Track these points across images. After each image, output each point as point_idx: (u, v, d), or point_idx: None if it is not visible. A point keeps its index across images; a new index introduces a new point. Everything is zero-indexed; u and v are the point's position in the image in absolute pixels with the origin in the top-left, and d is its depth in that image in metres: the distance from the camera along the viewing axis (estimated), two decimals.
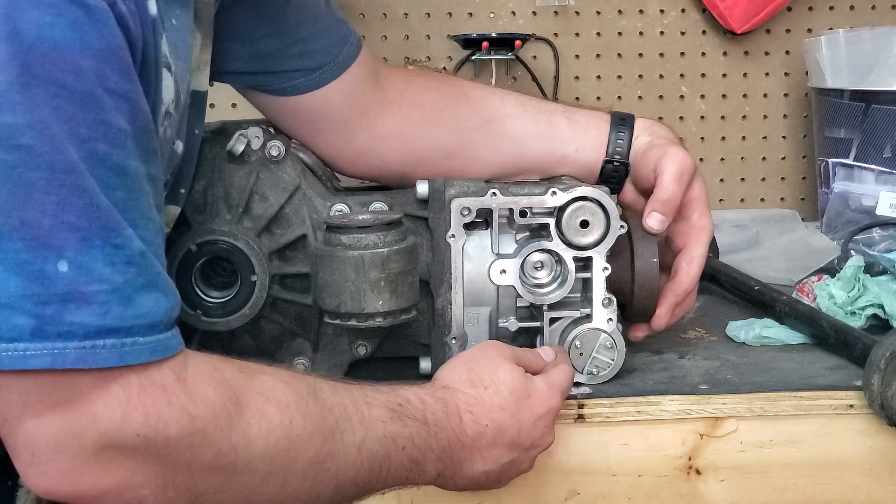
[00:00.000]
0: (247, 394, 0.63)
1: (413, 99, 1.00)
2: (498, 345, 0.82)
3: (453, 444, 0.74)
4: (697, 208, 0.93)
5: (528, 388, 0.78)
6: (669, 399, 0.86)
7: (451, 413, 0.75)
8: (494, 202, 0.87)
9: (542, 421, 0.78)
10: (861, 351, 0.89)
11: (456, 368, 0.79)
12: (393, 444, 0.70)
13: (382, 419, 0.70)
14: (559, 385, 0.81)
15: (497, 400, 0.76)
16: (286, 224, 0.91)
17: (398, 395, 0.73)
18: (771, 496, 0.87)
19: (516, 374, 0.78)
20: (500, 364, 0.78)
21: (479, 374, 0.78)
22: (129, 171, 0.61)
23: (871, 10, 1.67)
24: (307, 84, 0.94)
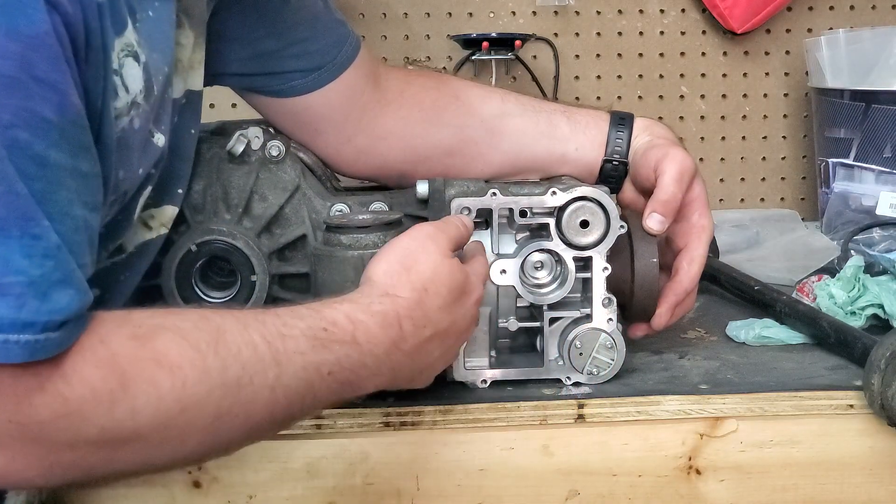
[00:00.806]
0: (135, 363, 0.61)
1: (412, 98, 1.00)
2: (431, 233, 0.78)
3: (391, 354, 0.72)
4: (698, 208, 0.93)
5: (463, 286, 0.77)
6: (669, 399, 0.86)
7: (389, 323, 0.72)
8: (494, 202, 0.88)
9: (471, 310, 0.78)
10: (861, 351, 0.89)
11: (393, 267, 0.75)
12: (316, 373, 0.68)
13: (301, 350, 0.67)
14: (482, 274, 0.82)
15: (437, 301, 0.74)
16: (286, 224, 0.91)
17: (323, 318, 0.70)
18: (771, 496, 0.87)
19: (454, 272, 0.76)
20: (440, 263, 0.76)
21: (419, 274, 0.75)
22: (49, 163, 0.59)
23: (871, 10, 1.67)
24: (306, 85, 0.94)
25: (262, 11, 0.92)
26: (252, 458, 0.84)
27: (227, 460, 0.83)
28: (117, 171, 0.69)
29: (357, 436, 0.85)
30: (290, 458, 0.84)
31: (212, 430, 0.64)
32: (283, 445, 0.84)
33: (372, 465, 0.85)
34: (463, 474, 0.85)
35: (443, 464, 0.85)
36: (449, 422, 0.85)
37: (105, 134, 0.66)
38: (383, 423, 0.85)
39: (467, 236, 0.82)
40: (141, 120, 0.71)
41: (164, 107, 0.76)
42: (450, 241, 0.78)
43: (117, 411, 0.60)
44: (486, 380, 0.89)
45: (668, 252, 0.94)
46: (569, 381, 0.89)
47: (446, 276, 0.75)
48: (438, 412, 0.85)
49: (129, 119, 0.69)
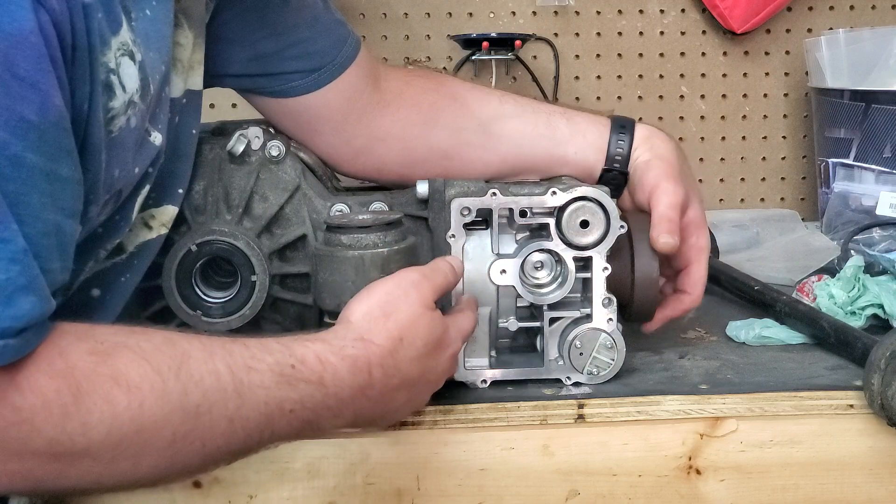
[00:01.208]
0: (91, 379, 0.60)
1: (411, 100, 1.00)
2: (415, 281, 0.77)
3: (357, 399, 0.72)
4: (695, 231, 0.94)
5: (440, 339, 0.77)
6: (669, 399, 0.86)
7: (359, 369, 0.71)
8: (494, 202, 0.87)
9: (444, 364, 0.78)
10: (861, 351, 0.89)
11: (373, 312, 0.74)
12: (277, 409, 0.67)
13: (265, 385, 0.67)
14: (465, 331, 0.81)
15: (410, 352, 0.74)
16: (286, 224, 0.91)
17: (293, 355, 0.69)
18: (771, 496, 0.87)
19: (434, 325, 0.76)
20: (421, 315, 0.75)
21: (397, 323, 0.74)
22: (25, 164, 0.58)
23: (871, 10, 1.67)
24: (306, 85, 0.95)
25: (261, 13, 0.92)
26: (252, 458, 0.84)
27: None
28: (111, 170, 0.68)
29: (357, 436, 0.85)
30: (290, 458, 0.84)
31: (167, 455, 0.64)
32: (283, 445, 0.84)
33: (372, 465, 0.85)
34: (463, 474, 0.85)
35: (443, 464, 0.85)
36: (449, 422, 0.85)
37: (93, 135, 0.65)
38: None
39: (454, 282, 0.82)
40: (137, 119, 0.70)
41: (161, 105, 0.76)
42: (434, 291, 0.78)
43: (69, 425, 0.59)
44: (486, 380, 0.89)
45: (667, 267, 0.95)
46: (569, 381, 0.89)
47: (424, 328, 0.75)
48: (438, 412, 0.85)
49: (126, 118, 0.69)
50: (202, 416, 0.64)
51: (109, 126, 0.67)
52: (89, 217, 0.68)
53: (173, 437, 0.63)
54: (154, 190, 0.81)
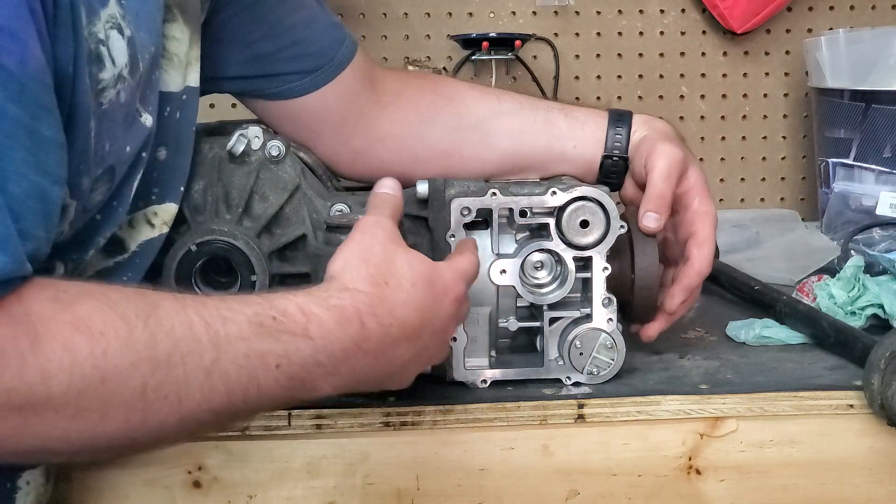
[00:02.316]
0: (51, 325, 0.57)
1: (408, 101, 1.00)
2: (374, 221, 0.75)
3: (351, 354, 0.68)
4: (697, 195, 0.92)
5: (430, 276, 0.73)
6: (669, 399, 0.86)
7: (349, 320, 0.67)
8: (494, 202, 0.88)
9: (447, 309, 0.74)
10: (861, 351, 0.89)
11: (351, 263, 0.71)
12: (261, 363, 0.63)
13: (244, 336, 0.63)
14: (464, 272, 0.77)
15: (400, 294, 0.70)
16: (286, 224, 0.91)
17: (273, 306, 0.65)
18: (771, 496, 0.87)
19: (415, 262, 0.73)
20: (395, 251, 0.73)
21: (378, 267, 0.71)
22: (7, 116, 0.56)
23: (871, 10, 1.67)
24: (304, 86, 0.95)
25: (257, 14, 0.92)
26: (252, 458, 0.84)
27: (227, 460, 0.84)
28: (102, 142, 0.67)
29: (357, 436, 0.85)
30: (290, 458, 0.84)
31: (138, 409, 0.60)
32: (283, 445, 0.84)
33: (372, 465, 0.85)
34: (463, 474, 0.85)
35: (443, 464, 0.85)
36: (449, 422, 0.85)
37: (81, 102, 0.63)
38: (383, 423, 0.85)
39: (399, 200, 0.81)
40: (126, 94, 0.69)
41: (152, 88, 0.75)
42: (393, 219, 0.77)
43: (27, 373, 0.56)
44: (486, 380, 0.89)
45: (676, 245, 0.94)
46: (569, 381, 0.89)
47: (405, 265, 0.72)
48: (438, 412, 0.85)
49: (116, 92, 0.67)
50: (174, 367, 0.60)
51: (100, 98, 0.66)
52: (82, 190, 0.67)
53: (143, 389, 0.60)
54: (156, 185, 0.81)
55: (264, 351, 0.64)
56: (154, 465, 0.84)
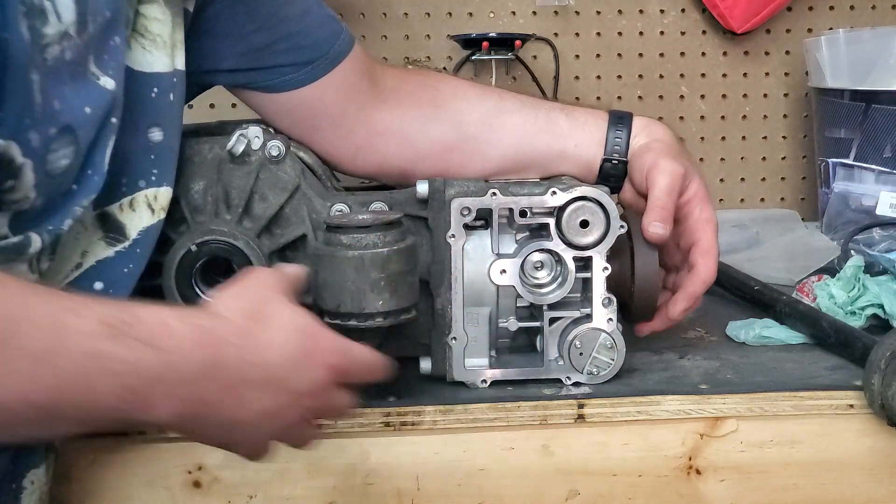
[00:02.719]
0: None
1: (410, 95, 1.00)
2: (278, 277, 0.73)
3: (201, 380, 0.63)
4: (698, 204, 0.93)
5: (310, 330, 0.68)
6: (669, 399, 0.86)
7: (206, 342, 0.63)
8: (494, 202, 0.88)
9: (317, 375, 0.68)
10: (861, 351, 0.89)
11: (228, 296, 0.68)
12: (100, 365, 0.59)
13: (87, 332, 0.59)
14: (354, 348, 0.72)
15: (271, 335, 0.66)
16: (286, 224, 0.91)
17: (129, 312, 0.61)
18: (771, 496, 0.87)
19: (297, 312, 0.69)
20: (280, 299, 0.69)
21: (255, 304, 0.67)
22: None
23: (871, 10, 1.67)
24: (299, 79, 0.95)
25: (250, 6, 0.92)
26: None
27: (227, 460, 0.84)
28: (50, 99, 0.67)
29: (357, 436, 0.85)
30: (290, 458, 0.84)
31: None
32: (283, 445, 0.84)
33: (372, 465, 0.85)
34: (463, 474, 0.85)
35: (443, 464, 0.85)
36: (449, 422, 0.85)
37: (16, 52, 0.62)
38: (383, 423, 0.85)
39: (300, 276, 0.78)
40: (72, 53, 0.69)
41: (111, 54, 0.75)
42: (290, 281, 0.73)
43: None
44: (486, 380, 0.89)
45: (677, 252, 0.94)
46: (569, 381, 0.89)
47: (284, 312, 0.68)
48: (438, 412, 0.85)
49: (61, 49, 0.67)
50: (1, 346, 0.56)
51: (44, 53, 0.66)
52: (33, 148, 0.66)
53: None
54: (155, 167, 0.82)
55: (107, 353, 0.59)
56: (154, 465, 0.84)
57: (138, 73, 0.81)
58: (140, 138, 0.81)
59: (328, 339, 0.70)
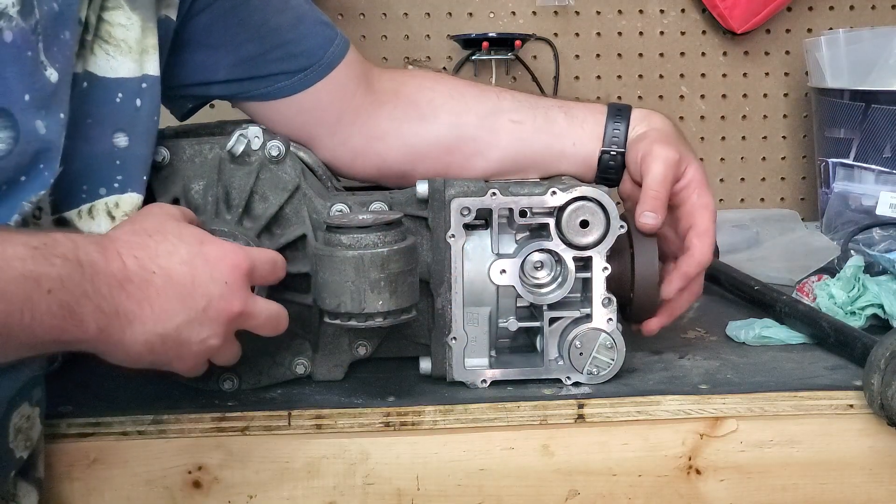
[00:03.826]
0: None
1: (408, 98, 1.00)
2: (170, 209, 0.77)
3: (116, 293, 0.67)
4: (695, 189, 0.93)
5: (203, 238, 0.73)
6: (669, 399, 0.86)
7: (110, 257, 0.68)
8: (494, 202, 0.88)
9: (222, 276, 0.72)
10: (861, 351, 0.89)
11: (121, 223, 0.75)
12: (35, 285, 0.63)
13: (21, 256, 0.63)
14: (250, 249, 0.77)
15: (165, 245, 0.71)
16: (286, 224, 0.91)
17: (44, 234, 0.66)
18: (771, 496, 0.87)
19: (187, 227, 0.74)
20: (169, 219, 0.74)
21: (144, 224, 0.72)
22: None
23: (871, 10, 1.67)
24: (292, 86, 0.95)
25: (241, 17, 0.92)
26: (252, 458, 0.84)
27: (227, 460, 0.84)
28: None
29: (357, 436, 0.85)
30: (290, 458, 0.84)
31: None
32: (283, 445, 0.84)
33: (372, 465, 0.85)
34: (463, 474, 0.85)
35: (443, 464, 0.85)
36: (449, 422, 0.85)
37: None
38: (383, 423, 0.85)
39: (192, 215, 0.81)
40: (14, 35, 0.69)
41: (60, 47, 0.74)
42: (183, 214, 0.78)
43: None
44: (486, 380, 0.89)
45: (675, 239, 0.94)
46: (569, 381, 0.89)
47: (174, 226, 0.73)
48: (438, 412, 0.85)
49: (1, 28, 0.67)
50: None
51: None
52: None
53: None
54: (119, 173, 0.81)
55: (39, 273, 0.63)
56: (154, 465, 0.84)
57: (101, 78, 0.81)
58: (104, 144, 0.81)
59: (221, 244, 0.74)
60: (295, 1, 0.96)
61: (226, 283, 0.72)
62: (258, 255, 0.77)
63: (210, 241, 0.74)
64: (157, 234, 0.72)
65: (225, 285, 0.72)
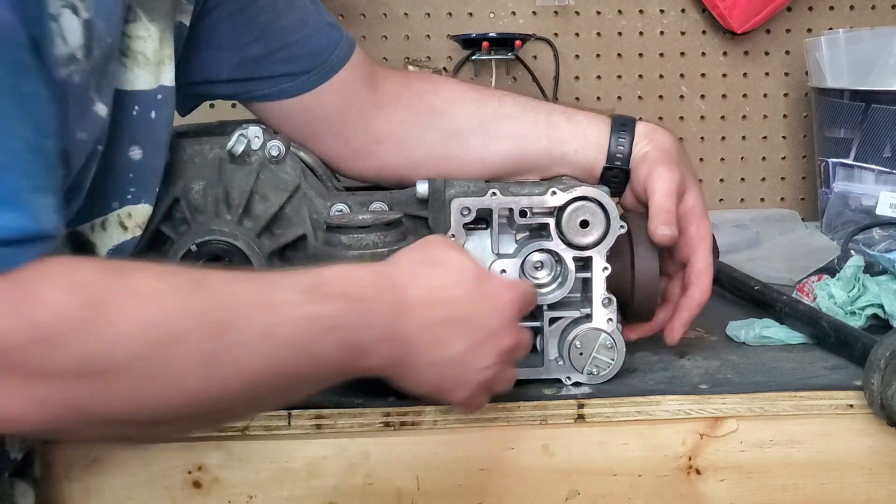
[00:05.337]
0: (109, 292, 0.58)
1: (408, 102, 1.00)
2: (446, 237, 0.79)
3: (398, 322, 0.68)
4: (695, 219, 0.93)
5: (481, 273, 0.74)
6: (669, 399, 0.86)
7: (389, 286, 0.69)
8: (494, 202, 0.88)
9: (501, 310, 0.73)
10: (861, 351, 0.89)
11: (403, 251, 0.75)
12: (316, 326, 0.64)
13: (294, 302, 0.64)
14: (520, 283, 0.78)
15: (448, 277, 0.72)
16: (286, 224, 0.91)
17: (315, 275, 0.67)
18: (771, 496, 0.87)
19: (467, 259, 0.74)
20: (451, 248, 0.75)
21: (427, 254, 0.73)
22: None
23: (871, 10, 1.67)
24: (296, 87, 0.95)
25: (247, 17, 0.92)
26: (252, 458, 0.84)
27: (227, 460, 0.84)
28: None
29: (357, 436, 0.85)
30: (290, 458, 0.84)
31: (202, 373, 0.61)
32: (283, 445, 0.84)
33: (372, 465, 0.85)
34: (463, 474, 0.85)
35: (443, 464, 0.85)
36: (449, 422, 0.85)
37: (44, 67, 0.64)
38: (383, 423, 0.85)
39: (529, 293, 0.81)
40: (80, 78, 0.69)
41: (107, 80, 0.75)
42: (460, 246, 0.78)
43: (92, 339, 0.57)
44: None
45: (670, 262, 0.95)
46: (569, 380, 0.89)
47: (459, 257, 0.73)
48: (438, 412, 0.85)
49: (68, 73, 0.67)
50: (231, 331, 0.62)
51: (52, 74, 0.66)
52: None
53: (203, 353, 0.60)
54: (133, 185, 0.81)
55: (316, 314, 0.65)
56: (154, 465, 0.84)
57: (119, 91, 0.80)
58: (120, 157, 0.80)
59: (498, 279, 0.77)
60: (301, 2, 0.96)
61: (503, 316, 0.74)
62: (525, 289, 0.79)
63: (488, 276, 0.75)
64: (441, 265, 0.73)
65: (502, 318, 0.74)
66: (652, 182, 0.92)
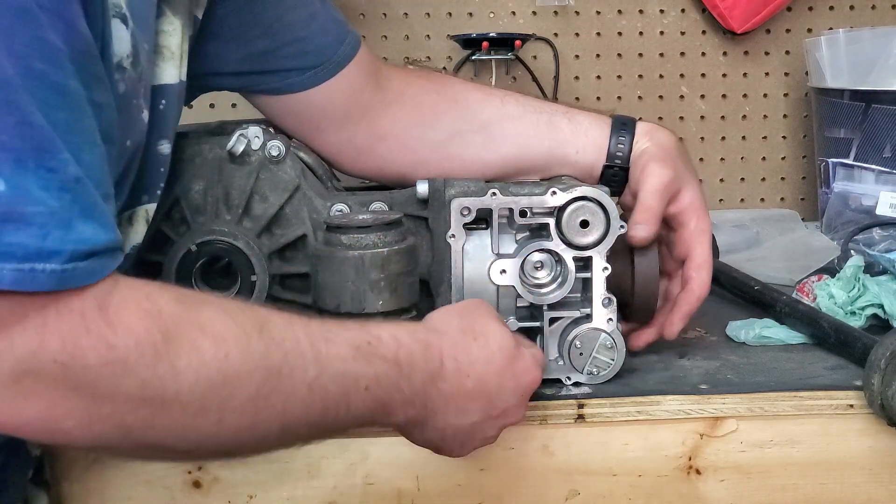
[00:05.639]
0: (179, 325, 0.60)
1: (412, 101, 1.00)
2: (488, 304, 0.82)
3: (429, 389, 0.72)
4: (693, 215, 0.93)
5: (516, 351, 0.77)
6: (669, 399, 0.86)
7: (431, 357, 0.72)
8: (494, 202, 0.88)
9: (521, 389, 0.77)
10: (861, 351, 0.89)
11: (448, 314, 0.78)
12: (354, 384, 0.67)
13: (343, 357, 0.67)
14: (541, 361, 0.81)
15: (485, 353, 0.75)
16: (286, 224, 0.91)
17: (369, 332, 0.70)
18: (771, 496, 0.87)
19: (507, 334, 0.77)
20: (493, 320, 0.78)
21: (471, 323, 0.76)
22: (69, 92, 0.58)
23: (871, 10, 1.67)
24: (303, 82, 0.95)
25: (255, 11, 0.92)
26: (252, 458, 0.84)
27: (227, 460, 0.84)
28: None
29: (357, 436, 0.85)
30: (290, 458, 0.84)
31: (249, 413, 0.63)
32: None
33: (372, 465, 0.85)
34: (463, 474, 0.85)
35: (443, 464, 0.85)
36: None
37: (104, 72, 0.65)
38: None
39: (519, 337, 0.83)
40: (127, 86, 0.70)
41: (146, 85, 0.76)
42: None
43: (160, 367, 0.59)
44: None
45: (670, 261, 0.95)
46: (569, 381, 0.89)
47: (498, 332, 0.76)
48: None
49: (117, 81, 0.68)
50: (283, 378, 0.64)
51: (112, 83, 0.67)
52: None
53: (256, 395, 0.63)
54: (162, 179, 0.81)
55: (358, 373, 0.67)
56: (154, 465, 0.84)
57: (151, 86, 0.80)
58: (150, 152, 0.80)
59: (529, 359, 0.78)
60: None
61: (521, 395, 0.77)
62: (543, 364, 0.82)
63: (520, 354, 0.77)
64: (481, 336, 0.75)
65: (520, 398, 0.77)
66: (643, 177, 0.92)
